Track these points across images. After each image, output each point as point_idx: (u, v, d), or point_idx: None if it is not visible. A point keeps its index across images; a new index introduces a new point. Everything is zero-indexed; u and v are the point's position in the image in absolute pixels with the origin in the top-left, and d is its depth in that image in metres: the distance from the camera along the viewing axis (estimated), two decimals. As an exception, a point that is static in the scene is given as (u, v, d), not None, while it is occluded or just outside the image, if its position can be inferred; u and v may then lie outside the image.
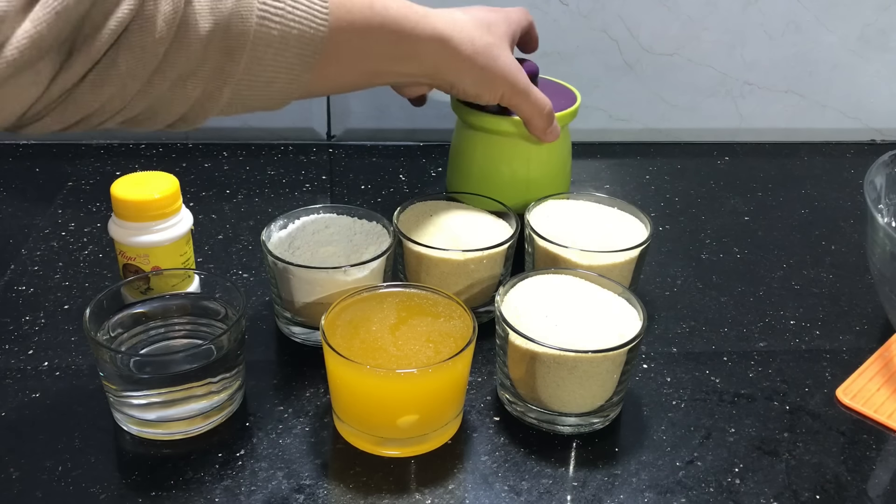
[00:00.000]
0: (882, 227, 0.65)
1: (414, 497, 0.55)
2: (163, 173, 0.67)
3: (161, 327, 0.63)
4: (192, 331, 0.63)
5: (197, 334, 0.63)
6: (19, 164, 0.94)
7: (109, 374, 0.57)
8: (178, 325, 0.63)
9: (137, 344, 0.62)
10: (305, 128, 1.00)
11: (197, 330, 0.63)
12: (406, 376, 0.56)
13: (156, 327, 0.63)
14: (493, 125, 0.76)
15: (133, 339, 0.62)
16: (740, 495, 0.56)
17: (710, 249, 0.84)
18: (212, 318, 0.63)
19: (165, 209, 0.65)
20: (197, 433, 0.59)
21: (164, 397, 0.57)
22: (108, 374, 0.57)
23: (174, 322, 0.63)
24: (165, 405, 0.57)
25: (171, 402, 0.57)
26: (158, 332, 0.63)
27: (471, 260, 0.67)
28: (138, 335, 0.62)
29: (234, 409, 0.61)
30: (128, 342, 0.61)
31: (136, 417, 0.58)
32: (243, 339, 0.60)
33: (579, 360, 0.57)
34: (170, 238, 0.65)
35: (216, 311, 0.63)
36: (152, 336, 0.62)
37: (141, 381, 0.57)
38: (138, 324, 0.62)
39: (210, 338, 0.60)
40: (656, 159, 1.01)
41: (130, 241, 0.65)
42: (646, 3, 0.96)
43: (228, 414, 0.60)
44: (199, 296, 0.65)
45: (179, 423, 0.58)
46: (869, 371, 0.67)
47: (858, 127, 1.06)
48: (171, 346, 0.62)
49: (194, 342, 0.62)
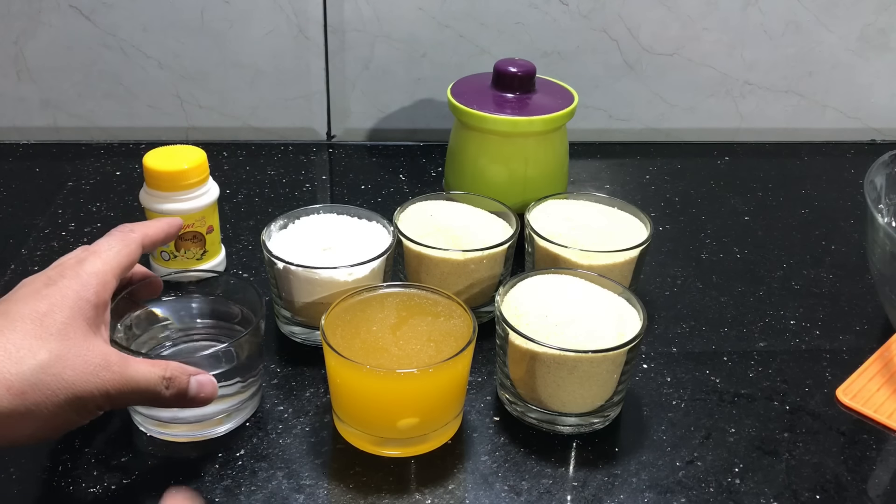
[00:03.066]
0: (882, 227, 0.65)
1: (414, 497, 0.55)
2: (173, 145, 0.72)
3: (178, 329, 0.63)
4: (211, 333, 0.63)
5: (216, 337, 0.63)
6: (19, 164, 0.94)
7: None
8: (195, 327, 0.63)
9: (156, 345, 0.62)
10: (305, 128, 1.01)
11: (215, 333, 0.63)
12: (406, 376, 0.55)
13: (172, 329, 0.63)
14: (490, 125, 0.76)
15: (151, 340, 0.62)
16: (740, 495, 0.56)
17: (710, 249, 0.84)
18: (229, 321, 0.63)
19: (206, 171, 0.71)
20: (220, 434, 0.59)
21: None
22: None
23: (191, 324, 0.63)
24: None
25: None
26: (176, 333, 0.63)
27: (471, 260, 0.67)
28: (155, 336, 0.62)
29: (253, 411, 0.61)
30: (147, 344, 0.61)
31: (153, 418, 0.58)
32: (262, 341, 0.60)
33: (579, 360, 0.57)
34: (214, 197, 0.72)
35: (233, 313, 0.63)
36: (169, 337, 0.62)
37: None
38: (153, 324, 0.62)
39: (229, 341, 0.59)
40: (656, 159, 1.01)
41: (193, 207, 0.70)
42: (646, 3, 0.96)
43: (247, 415, 0.60)
44: (216, 297, 0.64)
45: (203, 425, 0.58)
46: (869, 371, 0.67)
47: (858, 127, 1.06)
48: (190, 348, 0.62)
49: (213, 344, 0.62)
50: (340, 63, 0.97)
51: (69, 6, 0.92)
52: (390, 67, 0.98)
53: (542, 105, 0.77)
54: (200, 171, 0.70)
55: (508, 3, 0.95)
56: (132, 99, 0.97)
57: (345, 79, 0.98)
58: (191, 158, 0.70)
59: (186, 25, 0.94)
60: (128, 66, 0.95)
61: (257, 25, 0.94)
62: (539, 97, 0.79)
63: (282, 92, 0.98)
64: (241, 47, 0.95)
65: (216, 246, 0.74)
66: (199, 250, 0.72)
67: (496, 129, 0.76)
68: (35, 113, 0.97)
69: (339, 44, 0.96)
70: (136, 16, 0.93)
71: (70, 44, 0.94)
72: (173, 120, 0.99)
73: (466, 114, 0.77)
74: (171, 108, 0.98)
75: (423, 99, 1.00)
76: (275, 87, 0.98)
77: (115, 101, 0.97)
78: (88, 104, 0.97)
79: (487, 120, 0.76)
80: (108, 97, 0.97)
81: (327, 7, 0.94)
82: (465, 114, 0.77)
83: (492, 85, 0.79)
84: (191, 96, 0.98)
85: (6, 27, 0.93)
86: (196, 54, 0.95)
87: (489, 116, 0.75)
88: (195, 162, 0.69)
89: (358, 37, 0.96)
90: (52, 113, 0.98)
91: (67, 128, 0.98)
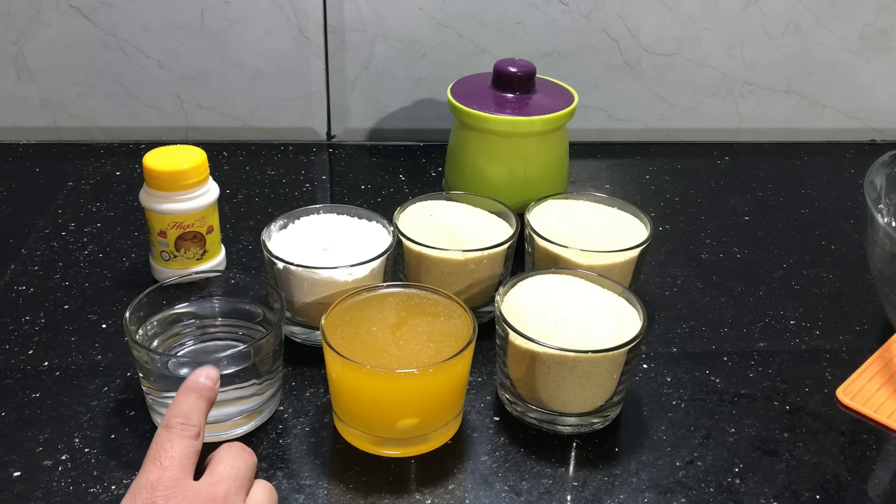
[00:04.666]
0: (882, 227, 0.65)
1: (414, 497, 0.55)
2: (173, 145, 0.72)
3: (197, 329, 0.63)
4: (230, 333, 0.63)
5: (235, 336, 0.63)
6: (19, 164, 0.94)
7: (154, 377, 0.57)
8: (214, 326, 0.63)
9: (176, 345, 0.62)
10: (305, 128, 1.01)
11: (234, 332, 0.63)
12: (406, 376, 0.55)
13: (192, 328, 0.63)
14: (490, 125, 0.76)
15: (169, 339, 0.62)
16: (740, 495, 0.56)
17: (710, 249, 0.84)
18: (248, 321, 0.63)
19: (206, 171, 0.71)
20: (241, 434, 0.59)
21: None
22: (151, 377, 0.57)
23: (210, 324, 0.63)
24: None
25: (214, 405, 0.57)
26: (195, 333, 0.63)
27: (471, 260, 0.67)
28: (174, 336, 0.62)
29: (273, 411, 0.61)
30: (163, 344, 0.61)
31: None
32: (283, 341, 0.60)
33: (579, 360, 0.57)
34: (214, 197, 0.72)
35: (254, 313, 0.63)
36: (190, 337, 0.63)
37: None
38: (175, 324, 0.62)
39: (250, 340, 0.59)
40: (656, 159, 1.01)
41: (193, 207, 0.70)
42: (646, 3, 0.96)
43: (268, 416, 0.61)
44: (234, 298, 0.64)
45: (224, 425, 0.58)
46: (869, 371, 0.67)
47: (858, 127, 1.06)
48: (211, 347, 0.62)
49: (233, 344, 0.62)
50: (340, 63, 0.97)
51: (69, 6, 0.92)
52: (390, 67, 0.98)
53: (542, 105, 0.77)
54: (200, 171, 0.70)
55: (508, 3, 0.95)
56: (132, 99, 0.97)
57: (345, 79, 0.98)
58: (191, 158, 0.70)
59: (186, 25, 0.94)
60: (128, 66, 0.95)
61: (257, 25, 0.94)
62: (539, 97, 0.79)
63: (282, 92, 0.98)
64: (241, 47, 0.95)
65: (216, 246, 0.74)
66: (199, 250, 0.72)
67: (496, 129, 0.76)
68: (35, 113, 0.97)
69: (339, 44, 0.96)
70: (136, 16, 0.93)
71: (70, 44, 0.94)
72: (173, 120, 0.99)
73: (466, 114, 0.77)
74: (171, 108, 0.98)
75: (423, 99, 1.00)
76: (275, 87, 0.98)
77: (115, 101, 0.97)
78: (88, 104, 0.97)
79: (487, 120, 0.76)
80: (108, 97, 0.97)
81: (327, 7, 0.94)
82: (465, 114, 0.77)
83: (492, 85, 0.79)
84: (191, 96, 0.98)
85: (6, 27, 0.93)
86: (196, 54, 0.95)
87: (489, 116, 0.75)
88: (195, 162, 0.69)
89: (358, 37, 0.96)
90: (52, 113, 0.98)
91: (67, 128, 0.98)
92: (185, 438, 0.49)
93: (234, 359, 0.57)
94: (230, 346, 0.62)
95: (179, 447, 0.48)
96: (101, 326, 0.69)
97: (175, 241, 0.70)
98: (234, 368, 0.56)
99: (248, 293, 0.64)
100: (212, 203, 0.71)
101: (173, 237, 0.70)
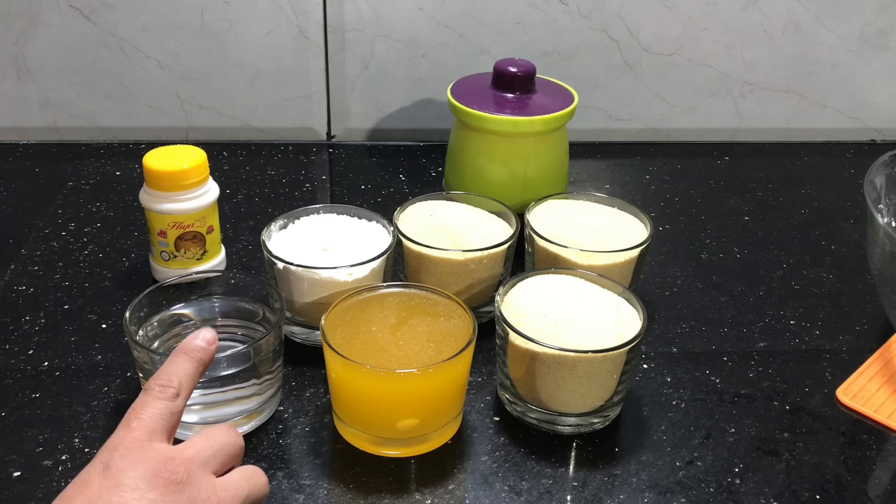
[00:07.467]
0: (882, 227, 0.65)
1: (414, 497, 0.55)
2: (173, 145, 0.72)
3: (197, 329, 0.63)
4: (230, 333, 0.63)
5: (235, 336, 0.63)
6: (19, 164, 0.94)
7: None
8: (214, 326, 0.63)
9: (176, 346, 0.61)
10: (305, 128, 1.01)
11: (234, 332, 0.63)
12: (406, 376, 0.55)
13: (192, 328, 0.63)
14: (490, 125, 0.76)
15: (169, 340, 0.62)
16: (740, 495, 0.56)
17: (710, 249, 0.84)
18: (248, 321, 0.63)
19: (206, 171, 0.71)
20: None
21: (208, 398, 0.57)
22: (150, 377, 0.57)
23: (210, 324, 0.63)
24: (207, 406, 0.58)
25: (213, 404, 0.58)
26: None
27: (471, 260, 0.67)
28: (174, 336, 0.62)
29: (273, 411, 0.61)
30: (164, 344, 0.61)
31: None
32: (283, 341, 0.60)
33: (579, 361, 0.57)
34: (214, 197, 0.72)
35: (254, 313, 0.63)
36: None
37: None
38: (175, 325, 0.62)
39: (249, 341, 0.59)
40: (656, 159, 1.01)
41: (193, 207, 0.70)
42: (646, 3, 0.96)
43: (268, 416, 0.61)
44: (234, 298, 0.64)
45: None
46: (869, 371, 0.67)
47: (858, 127, 1.06)
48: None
49: (233, 344, 0.62)
50: (340, 63, 0.97)
51: (69, 6, 0.92)
52: (390, 67, 0.98)
53: (542, 105, 0.77)
54: (200, 171, 0.70)
55: (508, 3, 0.95)
56: (132, 99, 0.97)
57: (345, 79, 0.98)
58: (191, 158, 0.70)
59: (186, 25, 0.94)
60: (128, 66, 0.95)
61: (257, 25, 0.94)
62: (539, 97, 0.79)
63: (282, 92, 0.98)
64: (241, 47, 0.95)
65: (216, 246, 0.74)
66: (199, 250, 0.72)
67: (496, 129, 0.76)
68: (35, 113, 0.97)
69: (339, 44, 0.96)
70: (136, 16, 0.93)
71: (70, 44, 0.94)
72: (173, 120, 0.99)
73: (466, 114, 0.77)
74: (171, 108, 0.98)
75: (423, 99, 1.00)
76: (275, 87, 0.98)
77: (115, 101, 0.97)
78: (88, 104, 0.97)
79: (487, 120, 0.76)
80: (108, 97, 0.97)
81: (327, 7, 0.94)
82: (465, 114, 0.77)
83: (492, 85, 0.79)
84: (191, 96, 0.98)
85: (6, 27, 0.93)
86: (196, 54, 0.95)
87: (489, 116, 0.75)
88: (195, 162, 0.69)
89: (358, 37, 0.96)
90: (52, 113, 0.98)
91: (67, 128, 0.98)
92: (161, 400, 0.47)
93: (233, 359, 0.57)
94: (230, 346, 0.62)
95: (152, 409, 0.47)
96: (101, 326, 0.69)
97: (175, 241, 0.70)
98: (233, 368, 0.56)
99: (248, 293, 0.64)
100: (212, 203, 0.71)
101: (173, 237, 0.70)
